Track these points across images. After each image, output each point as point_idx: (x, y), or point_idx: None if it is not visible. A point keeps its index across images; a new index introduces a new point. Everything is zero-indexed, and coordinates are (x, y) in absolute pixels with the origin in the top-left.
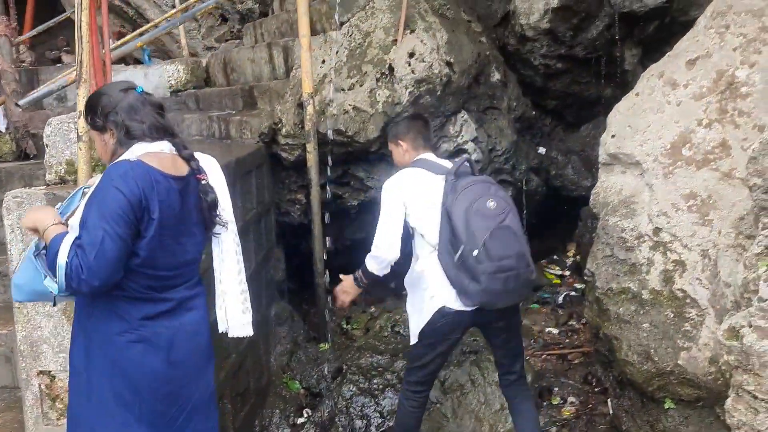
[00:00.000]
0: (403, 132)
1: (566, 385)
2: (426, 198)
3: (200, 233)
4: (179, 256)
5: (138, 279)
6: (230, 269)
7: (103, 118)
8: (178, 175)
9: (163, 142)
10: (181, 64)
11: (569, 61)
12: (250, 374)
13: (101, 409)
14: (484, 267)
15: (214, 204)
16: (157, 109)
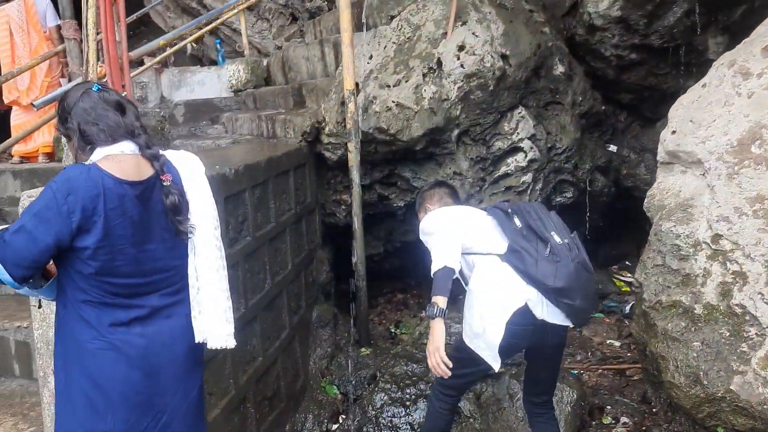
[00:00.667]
0: (428, 198)
1: (621, 403)
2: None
3: (177, 240)
4: (146, 264)
5: (101, 286)
6: (209, 277)
7: (63, 125)
8: (139, 179)
9: (124, 142)
10: (241, 64)
11: (644, 52)
12: (281, 378)
13: (75, 415)
14: (574, 254)
15: (175, 207)
16: (115, 107)
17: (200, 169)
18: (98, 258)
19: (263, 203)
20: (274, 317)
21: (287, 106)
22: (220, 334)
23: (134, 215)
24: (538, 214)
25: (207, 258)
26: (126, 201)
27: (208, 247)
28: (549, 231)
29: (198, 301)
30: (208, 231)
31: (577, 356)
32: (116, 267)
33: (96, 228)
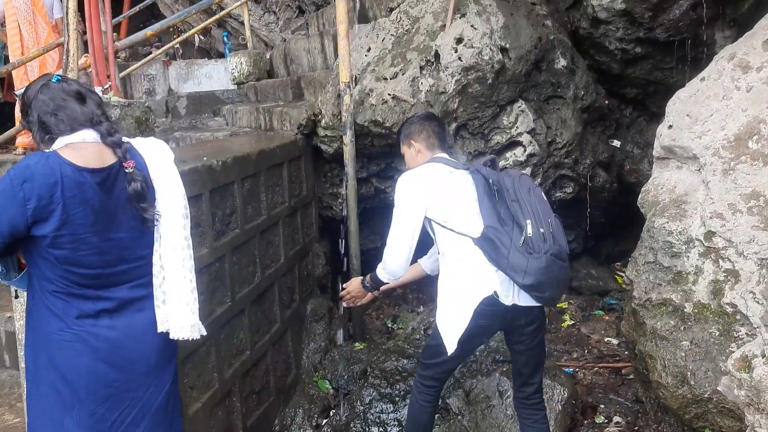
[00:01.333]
0: (416, 132)
1: (615, 402)
2: (449, 188)
3: (144, 228)
4: (111, 253)
5: (66, 276)
6: (174, 265)
7: (25, 119)
8: (100, 166)
9: (84, 131)
10: (244, 57)
11: (649, 45)
12: (270, 372)
13: (42, 408)
14: (548, 246)
15: (138, 194)
16: (75, 96)
17: (168, 156)
18: (59, 246)
19: (254, 195)
20: (265, 310)
21: (286, 99)
22: (184, 325)
23: (95, 203)
24: (517, 193)
25: (173, 247)
26: (86, 189)
27: (174, 236)
28: (525, 218)
29: (163, 290)
30: (176, 219)
31: (573, 354)
32: (80, 257)
33: (54, 216)
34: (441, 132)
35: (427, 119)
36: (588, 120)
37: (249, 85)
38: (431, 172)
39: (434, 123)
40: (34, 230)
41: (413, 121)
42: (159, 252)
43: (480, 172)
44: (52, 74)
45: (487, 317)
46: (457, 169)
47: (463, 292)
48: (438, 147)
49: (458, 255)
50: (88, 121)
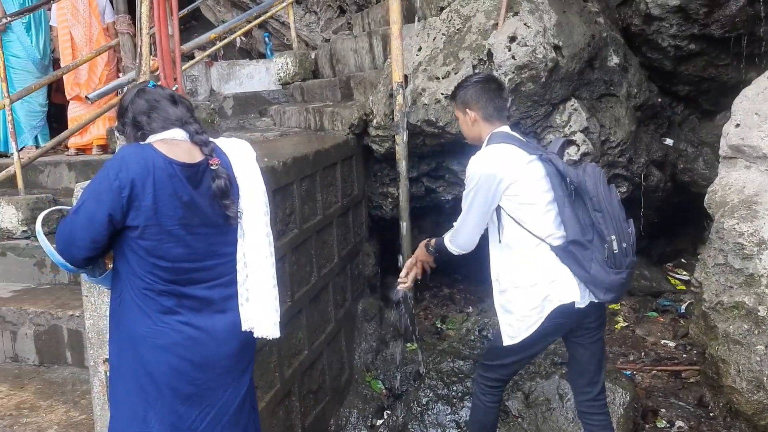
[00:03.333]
0: (472, 97)
1: (676, 406)
2: (527, 182)
3: (228, 226)
4: (197, 248)
5: (153, 270)
6: (257, 263)
7: (120, 121)
8: (190, 161)
9: (175, 130)
10: (289, 57)
11: (704, 42)
12: (326, 371)
13: (126, 403)
14: (629, 260)
15: (222, 191)
16: (168, 99)
17: (251, 155)
18: (148, 237)
19: (310, 196)
20: (320, 310)
21: (335, 99)
22: (267, 323)
23: (184, 196)
24: (601, 202)
25: (255, 244)
26: (176, 181)
27: (257, 233)
28: (610, 233)
29: (246, 288)
30: (258, 217)
31: (629, 356)
32: (167, 248)
33: (145, 204)
34: (500, 99)
35: (485, 82)
36: (641, 118)
37: (295, 85)
38: (507, 157)
39: (494, 86)
40: (128, 220)
41: (469, 85)
42: (242, 249)
43: (555, 164)
44: (145, 82)
45: (564, 317)
46: (529, 154)
47: (536, 292)
48: (496, 118)
49: (530, 255)
50: (178, 121)
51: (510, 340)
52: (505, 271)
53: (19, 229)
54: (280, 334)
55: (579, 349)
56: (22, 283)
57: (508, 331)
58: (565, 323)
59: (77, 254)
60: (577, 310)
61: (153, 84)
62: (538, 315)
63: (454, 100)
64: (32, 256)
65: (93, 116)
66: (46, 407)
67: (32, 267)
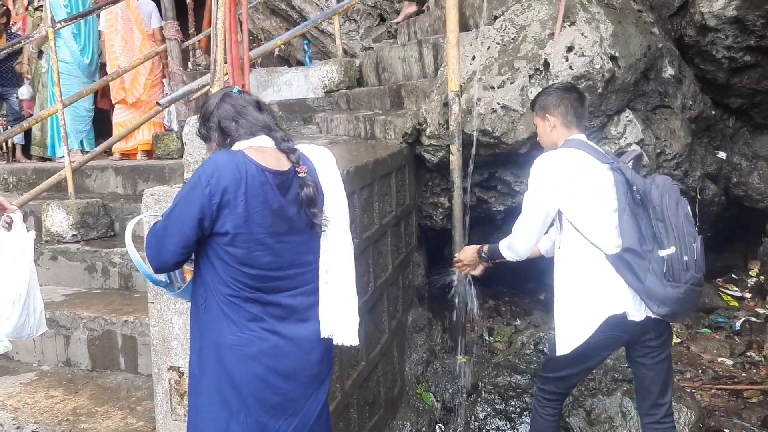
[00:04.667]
0: (553, 104)
1: (739, 427)
2: (592, 188)
3: (312, 234)
4: (284, 256)
5: (240, 277)
6: (340, 271)
7: (203, 126)
8: (280, 169)
9: (262, 136)
10: (334, 65)
11: (759, 54)
12: (380, 383)
13: (208, 414)
14: (690, 276)
15: (310, 199)
16: (254, 106)
17: (333, 162)
18: (237, 245)
19: (369, 205)
20: (376, 321)
21: (383, 107)
22: (347, 330)
23: (274, 204)
24: (665, 211)
25: (339, 250)
26: (267, 189)
27: (341, 241)
28: (670, 243)
29: (327, 295)
30: (342, 223)
31: (686, 374)
32: (255, 257)
33: (236, 212)
34: (580, 108)
35: (567, 90)
36: (695, 131)
37: (340, 93)
38: (573, 162)
39: (574, 95)
40: (217, 226)
41: (551, 92)
42: (326, 255)
43: (624, 173)
44: (229, 87)
45: (617, 329)
46: (600, 162)
47: (588, 300)
48: (575, 125)
49: (585, 263)
50: (265, 128)
51: (563, 348)
52: (561, 277)
53: (69, 233)
54: (358, 342)
55: (642, 369)
56: (73, 288)
57: (561, 339)
58: (619, 337)
59: (168, 259)
60: (632, 323)
61: (238, 90)
62: (589, 324)
63: (533, 107)
64: (83, 260)
65: (140, 122)
66: (102, 413)
67: (83, 271)
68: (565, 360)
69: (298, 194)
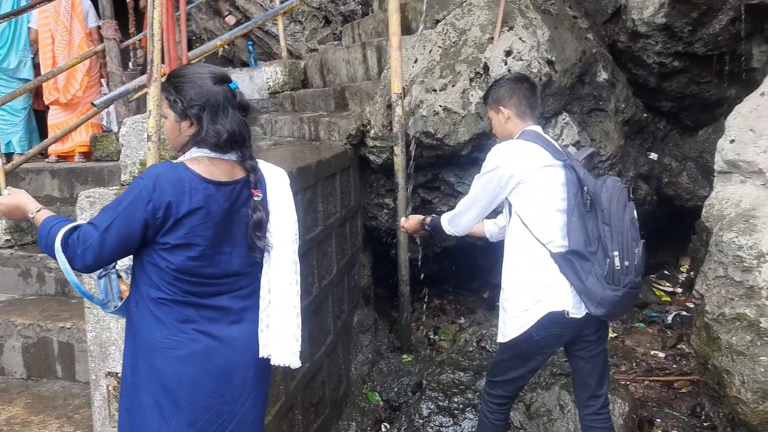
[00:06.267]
0: (505, 96)
1: (670, 416)
2: (542, 185)
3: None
4: (222, 266)
5: (174, 282)
6: (282, 291)
7: (187, 106)
8: (226, 180)
9: (223, 147)
10: (279, 66)
11: (687, 59)
12: (326, 384)
13: (140, 418)
14: (629, 279)
15: (258, 224)
16: (242, 113)
17: (286, 182)
18: (176, 255)
19: (312, 206)
20: (321, 322)
21: (328, 109)
22: (286, 352)
23: (217, 216)
24: (612, 216)
25: (281, 273)
26: (211, 202)
27: (284, 262)
28: (613, 249)
29: (267, 314)
30: (286, 246)
31: (621, 367)
32: (194, 267)
33: (179, 225)
34: (533, 98)
35: (518, 81)
36: (628, 133)
37: (285, 94)
38: (527, 155)
39: (526, 85)
40: (158, 237)
41: (502, 84)
42: (267, 276)
43: (577, 172)
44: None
45: (559, 326)
46: (553, 158)
47: (530, 294)
48: (529, 116)
49: (530, 257)
50: (237, 142)
51: (502, 337)
52: (507, 269)
53: (2, 237)
54: (299, 364)
55: (580, 362)
56: (6, 294)
57: (501, 329)
58: (561, 333)
59: (98, 267)
60: (573, 320)
61: (235, 86)
62: (528, 317)
63: (486, 100)
64: (17, 266)
65: (76, 123)
66: (38, 422)
67: (17, 277)
68: (511, 361)
69: (246, 212)
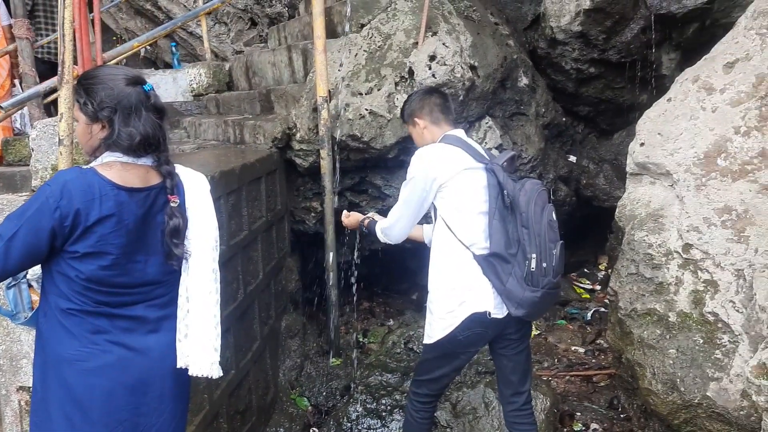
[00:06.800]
0: (417, 108)
1: (590, 409)
2: (465, 188)
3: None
4: (136, 275)
5: (84, 292)
6: (201, 300)
7: (98, 109)
8: (140, 186)
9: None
10: (203, 68)
11: (602, 66)
12: (252, 391)
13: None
14: (547, 281)
15: (175, 231)
16: (157, 115)
17: (206, 187)
18: (87, 264)
19: (237, 210)
20: (246, 328)
21: (254, 112)
22: (204, 362)
23: (130, 224)
24: (529, 219)
25: (200, 281)
26: (123, 209)
27: (203, 270)
28: (531, 251)
29: (185, 324)
30: (205, 253)
31: (544, 363)
32: (105, 276)
33: (89, 234)
34: (445, 104)
35: (427, 93)
36: (548, 136)
37: (209, 97)
38: (449, 158)
39: (435, 95)
40: (68, 246)
41: (413, 98)
42: (185, 284)
43: (496, 176)
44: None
45: (482, 326)
46: (475, 161)
47: (455, 296)
48: (444, 121)
49: (455, 259)
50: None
51: (428, 338)
52: (433, 271)
53: None
54: (220, 374)
55: (503, 360)
56: None
57: (427, 330)
58: (484, 333)
59: (3, 278)
60: (495, 320)
61: (150, 87)
62: (452, 319)
63: (402, 117)
64: None
65: None
66: None
67: None
68: (436, 360)
69: (162, 218)
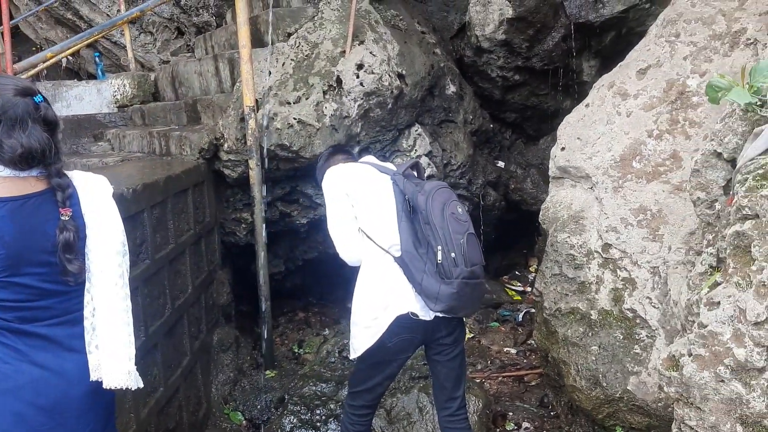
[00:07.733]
0: (327, 164)
1: (521, 409)
2: (373, 195)
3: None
4: (29, 289)
5: None
6: (107, 307)
7: None
8: (15, 194)
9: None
10: (127, 78)
11: (527, 73)
12: (183, 408)
13: None
14: (459, 270)
15: (66, 246)
16: (47, 128)
17: (107, 192)
18: None
19: (162, 224)
20: (175, 344)
21: (180, 123)
22: (118, 372)
23: (6, 236)
24: (429, 215)
25: (106, 291)
26: None
27: (107, 277)
28: (436, 244)
29: (96, 334)
30: (110, 259)
31: (477, 365)
32: None
33: None
34: (349, 157)
35: (331, 154)
36: (477, 143)
37: (134, 108)
38: (357, 170)
39: (341, 153)
40: None
41: (320, 160)
42: (90, 294)
43: (397, 184)
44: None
45: (409, 331)
46: (380, 172)
47: (377, 302)
48: (351, 160)
49: (376, 266)
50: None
51: (354, 353)
52: (357, 283)
53: None
54: (140, 385)
55: (437, 366)
56: None
57: (353, 344)
58: (412, 338)
59: None
60: (422, 322)
61: (40, 99)
62: (378, 326)
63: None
64: None
65: None
66: None
67: None
68: (368, 369)
69: (54, 230)
